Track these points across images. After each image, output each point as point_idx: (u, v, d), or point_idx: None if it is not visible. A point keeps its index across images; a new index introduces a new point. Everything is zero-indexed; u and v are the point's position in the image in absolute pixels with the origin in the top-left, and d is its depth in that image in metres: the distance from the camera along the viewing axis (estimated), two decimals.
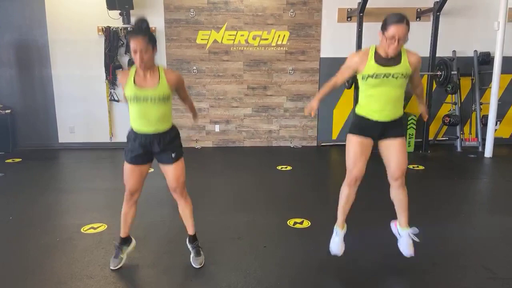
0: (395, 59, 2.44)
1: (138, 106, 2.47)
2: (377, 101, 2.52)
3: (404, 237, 2.68)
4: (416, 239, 2.67)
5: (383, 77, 2.43)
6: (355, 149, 2.57)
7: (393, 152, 2.57)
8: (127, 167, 2.62)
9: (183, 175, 2.66)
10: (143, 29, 2.39)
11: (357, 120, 2.63)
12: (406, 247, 2.65)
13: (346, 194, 2.63)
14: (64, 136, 6.34)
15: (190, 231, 2.79)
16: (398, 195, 2.64)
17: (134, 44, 2.36)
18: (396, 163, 2.56)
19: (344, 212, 2.69)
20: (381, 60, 2.44)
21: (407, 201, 2.66)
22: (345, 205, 2.66)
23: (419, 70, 2.62)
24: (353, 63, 2.53)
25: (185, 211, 2.74)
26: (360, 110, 2.62)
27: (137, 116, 2.50)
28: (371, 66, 2.45)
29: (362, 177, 2.61)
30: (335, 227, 2.74)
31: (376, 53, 2.47)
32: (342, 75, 2.65)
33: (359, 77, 2.56)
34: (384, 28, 2.38)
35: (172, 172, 2.62)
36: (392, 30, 2.32)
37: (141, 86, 2.45)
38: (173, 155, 2.59)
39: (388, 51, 2.38)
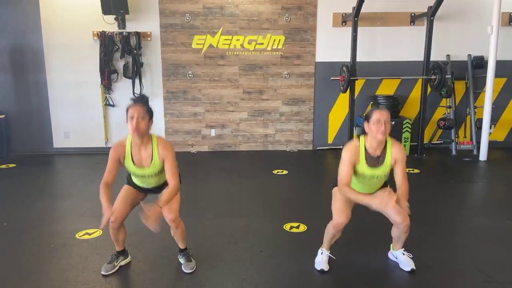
0: (380, 157, 2.56)
1: (136, 178, 2.67)
2: (362, 188, 2.65)
3: (400, 256, 2.76)
4: (409, 255, 2.73)
5: (369, 179, 2.58)
6: (342, 199, 2.62)
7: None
8: (125, 186, 2.72)
9: (177, 202, 2.65)
10: (142, 101, 2.53)
11: None
12: (405, 264, 2.71)
13: (331, 234, 2.68)
14: (59, 141, 6.31)
15: (181, 246, 2.79)
16: (401, 236, 2.67)
17: (132, 110, 2.46)
18: (395, 212, 2.55)
19: (330, 242, 2.75)
20: (369, 159, 2.56)
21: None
22: (330, 240, 2.73)
23: (403, 163, 2.57)
24: (352, 158, 2.57)
25: (176, 234, 2.73)
26: None
27: (136, 181, 2.70)
28: (361, 166, 2.57)
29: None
30: (320, 248, 2.79)
31: (365, 151, 2.57)
32: (348, 173, 2.55)
33: None
34: (368, 118, 2.53)
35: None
36: (376, 115, 2.47)
37: (138, 165, 2.58)
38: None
39: (378, 136, 2.47)
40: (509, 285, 2.54)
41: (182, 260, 2.77)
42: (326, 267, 2.71)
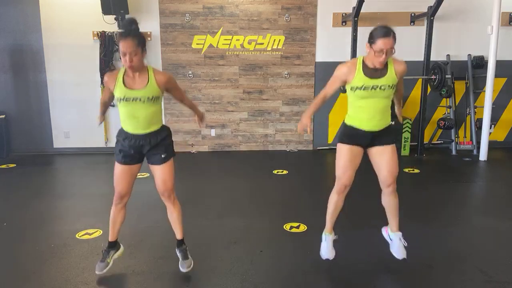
0: (382, 71, 2.49)
1: (127, 106, 2.48)
2: (365, 112, 2.56)
3: (395, 241, 2.72)
4: (405, 243, 2.71)
5: (371, 89, 2.48)
6: (345, 157, 2.62)
7: (384, 159, 2.61)
8: (118, 168, 2.61)
9: (171, 179, 2.62)
10: (132, 31, 2.39)
11: (347, 129, 2.68)
12: (398, 250, 2.69)
13: (334, 201, 2.68)
14: (59, 141, 6.31)
15: (178, 235, 2.75)
16: (389, 201, 2.67)
17: (123, 46, 2.35)
18: (387, 169, 2.58)
19: (332, 218, 2.74)
20: (368, 72, 2.49)
21: (397, 206, 2.69)
22: (333, 212, 2.72)
23: (403, 77, 2.65)
24: (342, 74, 2.57)
25: (172, 214, 2.69)
26: (349, 120, 2.67)
27: (126, 116, 2.51)
28: (359, 78, 2.49)
29: (351, 185, 2.63)
30: (323, 233, 2.79)
31: (364, 64, 2.51)
32: (331, 87, 2.67)
33: (347, 87, 2.60)
34: (371, 41, 2.44)
35: (160, 174, 2.59)
36: (380, 43, 2.37)
37: (130, 87, 2.46)
38: (162, 155, 2.58)
39: (376, 63, 2.43)
40: (509, 285, 2.54)
41: (179, 256, 2.73)
42: (332, 255, 2.70)
